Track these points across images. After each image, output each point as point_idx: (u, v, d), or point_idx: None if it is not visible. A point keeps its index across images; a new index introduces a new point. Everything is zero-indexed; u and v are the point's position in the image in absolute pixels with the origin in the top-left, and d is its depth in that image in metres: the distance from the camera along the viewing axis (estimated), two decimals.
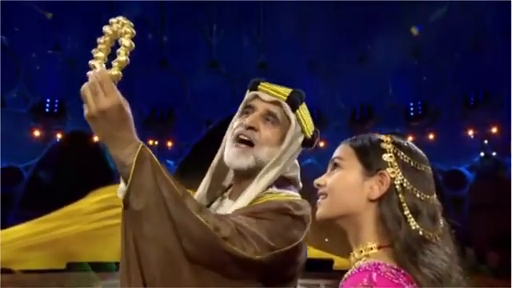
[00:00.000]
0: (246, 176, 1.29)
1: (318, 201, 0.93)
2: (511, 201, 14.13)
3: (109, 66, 1.31)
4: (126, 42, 1.14)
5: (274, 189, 1.29)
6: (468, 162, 15.54)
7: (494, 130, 15.16)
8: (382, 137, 0.93)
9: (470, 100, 15.11)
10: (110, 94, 1.15)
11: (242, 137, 1.26)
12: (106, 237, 5.32)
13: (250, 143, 1.25)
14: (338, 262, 7.42)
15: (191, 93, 16.19)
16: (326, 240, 11.10)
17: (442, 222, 0.91)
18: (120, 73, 1.15)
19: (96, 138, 15.86)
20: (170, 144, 16.00)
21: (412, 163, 0.89)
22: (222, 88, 15.83)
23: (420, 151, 0.96)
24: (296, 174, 1.36)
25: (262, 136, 1.25)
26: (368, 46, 15.49)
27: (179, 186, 1.20)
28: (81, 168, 13.76)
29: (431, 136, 15.75)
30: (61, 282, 2.77)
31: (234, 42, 16.20)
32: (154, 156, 1.18)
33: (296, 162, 1.38)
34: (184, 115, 16.14)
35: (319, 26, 15.22)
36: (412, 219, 0.85)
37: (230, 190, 1.38)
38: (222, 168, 1.36)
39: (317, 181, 0.94)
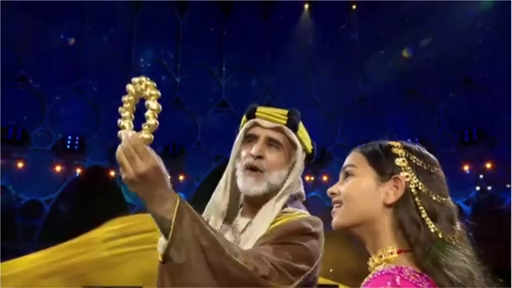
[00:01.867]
0: (259, 198, 1.29)
1: (333, 210, 0.89)
2: (509, 233, 13.92)
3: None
4: (153, 105, 1.09)
5: (289, 208, 1.29)
6: (464, 196, 15.37)
7: (489, 165, 15.06)
8: (392, 142, 0.90)
9: (465, 137, 15.09)
10: (146, 157, 1.10)
11: (252, 166, 1.25)
12: (118, 264, 5.31)
13: (260, 171, 1.24)
14: None
15: (202, 130, 16.35)
16: (331, 271, 10.92)
17: (458, 224, 0.87)
18: (152, 136, 1.11)
19: (113, 173, 16.03)
20: (181, 178, 16.02)
21: (425, 166, 0.85)
22: (230, 126, 15.90)
23: (430, 155, 0.92)
24: (301, 189, 1.38)
25: (269, 162, 1.24)
26: (367, 87, 15.64)
27: (213, 230, 1.16)
28: (98, 200, 13.75)
29: None
30: None
31: (242, 83, 16.44)
32: (190, 207, 1.16)
33: (300, 177, 1.39)
34: (195, 151, 16.22)
35: (321, 69, 15.42)
36: (430, 222, 0.80)
37: (241, 209, 1.35)
38: (233, 190, 1.33)
39: (330, 189, 0.89)
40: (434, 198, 0.79)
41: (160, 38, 15.89)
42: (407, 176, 0.79)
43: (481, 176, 15.23)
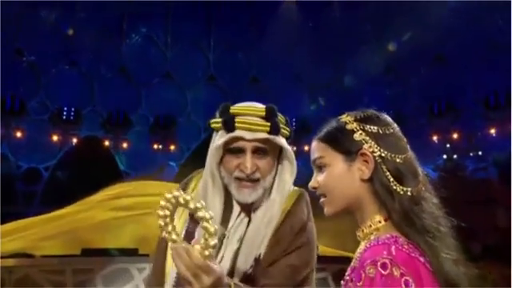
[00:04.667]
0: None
1: (320, 200, 0.88)
2: (472, 196, 14.32)
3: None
4: (210, 228, 0.96)
5: (285, 191, 1.21)
6: (432, 163, 15.67)
7: (455, 135, 15.31)
8: (344, 118, 0.86)
9: (434, 109, 15.27)
10: (210, 272, 0.99)
11: (247, 180, 1.15)
12: (114, 227, 5.34)
13: (256, 181, 1.16)
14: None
15: (191, 103, 16.22)
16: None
17: (420, 171, 0.84)
18: (212, 253, 1.00)
19: (107, 143, 15.92)
20: (172, 148, 15.98)
21: (380, 131, 0.82)
22: (218, 98, 15.90)
23: (380, 115, 0.88)
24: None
25: (262, 170, 1.16)
26: (347, 61, 15.60)
27: None
28: (94, 169, 13.68)
29: None
30: (76, 266, 2.78)
31: (229, 58, 16.25)
32: None
33: None
34: (185, 123, 16.13)
35: (304, 47, 15.32)
36: (398, 185, 0.79)
37: (238, 209, 1.21)
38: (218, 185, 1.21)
39: (311, 185, 0.88)
40: (398, 159, 0.78)
41: (150, 14, 15.52)
42: (370, 147, 0.77)
43: (447, 145, 15.50)
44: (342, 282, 0.70)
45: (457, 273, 0.69)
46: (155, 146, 15.71)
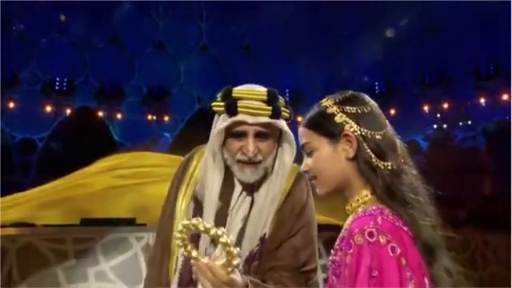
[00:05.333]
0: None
1: (312, 182, 0.92)
2: (459, 164, 14.57)
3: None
4: (234, 251, 0.95)
5: (285, 171, 1.22)
6: (423, 133, 15.82)
7: (446, 105, 15.41)
8: (324, 103, 0.89)
9: (425, 79, 15.29)
10: (234, 285, 0.98)
11: (248, 162, 1.16)
12: (112, 196, 5.39)
13: (258, 163, 1.17)
14: None
15: (184, 73, 16.05)
16: None
17: (398, 142, 0.88)
18: (233, 267, 0.97)
19: (101, 114, 15.81)
20: (166, 119, 15.93)
21: (359, 110, 0.85)
22: (211, 68, 15.73)
23: (358, 95, 0.90)
24: None
25: (264, 153, 1.17)
26: (341, 32, 15.45)
27: None
28: (88, 139, 13.66)
29: (392, 111, 15.94)
30: (76, 235, 2.86)
31: (222, 27, 15.99)
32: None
33: None
34: (178, 93, 16.01)
35: (298, 14, 15.09)
36: (379, 161, 0.82)
37: (240, 188, 1.21)
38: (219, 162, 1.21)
39: (302, 168, 0.91)
40: (377, 136, 0.81)
41: None
42: (351, 127, 0.80)
43: (438, 115, 15.60)
44: (332, 251, 0.75)
45: (433, 237, 0.75)
46: (149, 117, 15.65)
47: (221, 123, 1.20)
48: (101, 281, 2.81)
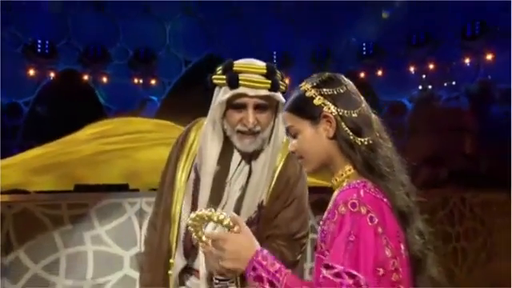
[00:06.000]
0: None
1: (299, 161, 0.96)
2: (443, 125, 14.81)
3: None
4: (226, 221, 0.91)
5: (280, 142, 1.28)
6: (408, 94, 15.93)
7: (431, 66, 15.47)
8: (303, 87, 0.93)
9: (412, 40, 15.23)
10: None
11: (247, 132, 1.21)
12: (103, 162, 5.43)
13: (256, 134, 1.22)
14: None
15: (170, 35, 15.70)
16: None
17: (374, 117, 0.92)
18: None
19: (86, 77, 15.53)
20: (153, 82, 15.72)
21: (335, 91, 0.89)
22: (197, 31, 15.42)
23: (334, 76, 0.94)
24: None
25: (262, 124, 1.23)
26: None
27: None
28: (74, 103, 13.49)
29: (380, 72, 15.95)
30: (71, 200, 2.92)
31: None
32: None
33: None
34: (165, 56, 15.74)
35: None
36: (357, 137, 0.87)
37: (239, 157, 1.26)
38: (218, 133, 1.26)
39: (289, 149, 0.96)
40: (354, 114, 0.86)
41: None
42: (328, 108, 0.85)
43: (423, 76, 15.68)
44: (321, 221, 0.83)
45: (407, 204, 0.83)
46: (135, 80, 15.43)
47: (222, 95, 1.23)
48: (97, 244, 2.91)
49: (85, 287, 2.85)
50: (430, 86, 15.65)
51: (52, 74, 14.78)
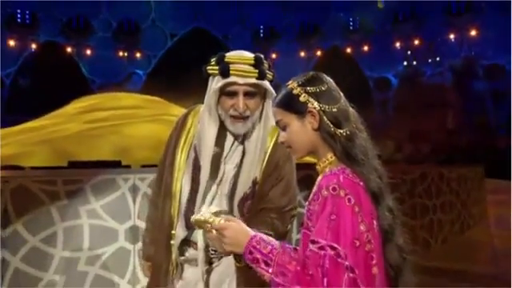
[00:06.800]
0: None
1: (288, 150, 1.06)
2: (428, 101, 15.07)
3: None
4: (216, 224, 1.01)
5: (269, 125, 1.40)
6: (394, 70, 16.08)
7: (417, 41, 15.59)
8: (290, 85, 1.03)
9: (399, 16, 15.27)
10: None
11: (238, 116, 1.33)
12: (94, 137, 5.46)
13: (246, 118, 1.34)
14: None
15: (155, 7, 15.40)
16: None
17: (351, 111, 1.01)
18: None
19: (69, 49, 15.23)
20: (138, 55, 15.51)
21: (318, 89, 1.00)
22: (184, 3, 15.14)
23: (316, 74, 1.04)
24: None
25: (251, 109, 1.34)
26: None
27: None
28: (57, 75, 13.27)
29: (366, 48, 16.02)
30: (66, 177, 3.00)
31: None
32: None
33: None
34: (150, 28, 15.48)
35: None
36: (337, 129, 0.97)
37: (232, 139, 1.39)
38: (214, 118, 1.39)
39: (279, 140, 1.04)
40: (334, 109, 0.96)
41: None
42: (312, 104, 0.98)
43: (408, 52, 15.80)
44: (307, 202, 0.96)
45: (379, 186, 0.96)
46: (120, 53, 15.21)
47: (215, 84, 1.35)
48: (92, 218, 3.02)
49: (82, 258, 2.99)
50: (414, 62, 15.83)
51: (34, 46, 14.46)
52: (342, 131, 0.94)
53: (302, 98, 0.98)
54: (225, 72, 1.32)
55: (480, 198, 5.76)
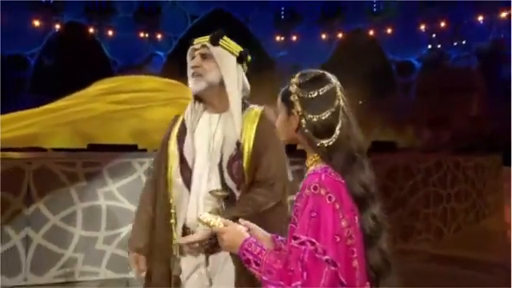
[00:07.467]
0: (207, 94, 1.53)
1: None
2: (453, 85, 14.71)
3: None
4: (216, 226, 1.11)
5: (253, 108, 1.54)
6: (417, 53, 15.74)
7: (443, 24, 15.16)
8: (293, 80, 1.05)
9: None
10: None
11: (193, 74, 1.51)
12: (113, 120, 5.60)
13: (199, 75, 1.51)
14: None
15: None
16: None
17: (341, 123, 1.01)
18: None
19: (92, 30, 15.43)
20: (159, 36, 15.61)
21: (307, 95, 1.01)
22: None
23: (319, 76, 1.03)
24: (247, 92, 1.61)
25: (205, 69, 1.50)
26: None
27: None
28: (80, 56, 13.50)
29: (389, 30, 15.68)
30: (85, 159, 3.14)
31: None
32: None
33: (246, 82, 1.60)
34: (171, 10, 15.52)
35: None
36: (317, 139, 1.00)
37: (201, 107, 1.56)
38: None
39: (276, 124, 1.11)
40: (314, 119, 0.98)
41: None
42: (296, 108, 1.02)
43: (433, 35, 15.41)
44: (295, 198, 1.03)
45: (362, 195, 0.99)
46: (141, 34, 15.33)
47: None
48: (109, 200, 3.17)
49: (99, 238, 3.15)
50: (439, 46, 15.43)
51: (57, 26, 14.70)
52: (320, 141, 0.98)
53: (291, 98, 1.04)
54: (191, 43, 1.57)
55: (496, 186, 5.70)
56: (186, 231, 1.45)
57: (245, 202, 1.43)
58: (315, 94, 1.00)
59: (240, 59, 1.56)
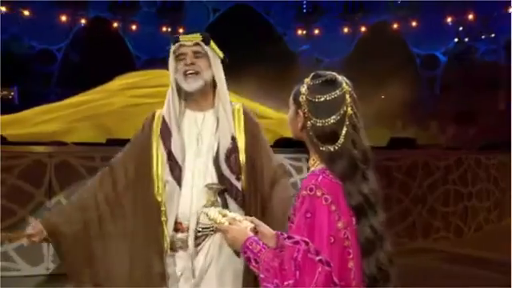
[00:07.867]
0: (199, 92, 1.56)
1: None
2: (479, 79, 14.29)
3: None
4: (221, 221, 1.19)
5: (239, 106, 1.60)
6: (443, 46, 15.37)
7: (470, 16, 14.73)
8: (305, 80, 1.06)
9: None
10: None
11: (189, 72, 1.51)
12: (134, 115, 5.69)
13: (196, 73, 1.52)
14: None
15: None
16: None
17: (345, 131, 1.00)
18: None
19: (116, 24, 15.66)
20: (181, 31, 15.68)
21: (315, 99, 1.01)
22: None
23: (331, 80, 1.03)
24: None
25: (200, 66, 1.53)
26: None
27: None
28: (105, 50, 13.73)
29: (414, 23, 15.35)
30: (104, 153, 3.21)
31: None
32: None
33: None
34: (193, 4, 15.60)
35: None
36: (320, 143, 1.01)
37: (183, 104, 1.59)
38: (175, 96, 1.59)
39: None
40: (318, 123, 1.00)
41: None
42: (303, 110, 1.02)
43: (460, 28, 15.00)
44: (294, 198, 1.04)
45: (360, 204, 0.98)
46: (164, 29, 15.49)
47: (171, 55, 1.57)
48: None
49: None
50: (466, 39, 15.02)
51: (83, 21, 14.98)
52: (323, 146, 0.99)
53: (300, 98, 1.05)
54: (175, 39, 1.57)
55: None
56: (177, 226, 1.47)
57: (285, 192, 1.49)
58: (322, 99, 1.01)
59: (223, 62, 1.60)
